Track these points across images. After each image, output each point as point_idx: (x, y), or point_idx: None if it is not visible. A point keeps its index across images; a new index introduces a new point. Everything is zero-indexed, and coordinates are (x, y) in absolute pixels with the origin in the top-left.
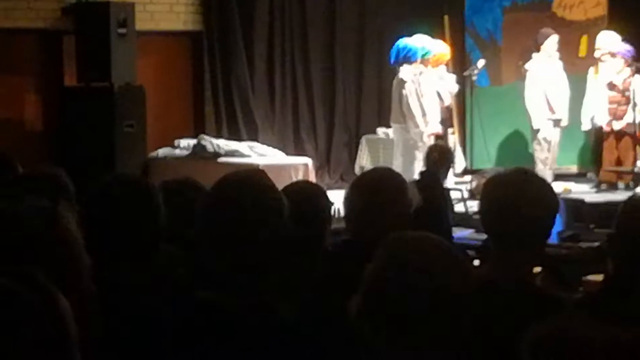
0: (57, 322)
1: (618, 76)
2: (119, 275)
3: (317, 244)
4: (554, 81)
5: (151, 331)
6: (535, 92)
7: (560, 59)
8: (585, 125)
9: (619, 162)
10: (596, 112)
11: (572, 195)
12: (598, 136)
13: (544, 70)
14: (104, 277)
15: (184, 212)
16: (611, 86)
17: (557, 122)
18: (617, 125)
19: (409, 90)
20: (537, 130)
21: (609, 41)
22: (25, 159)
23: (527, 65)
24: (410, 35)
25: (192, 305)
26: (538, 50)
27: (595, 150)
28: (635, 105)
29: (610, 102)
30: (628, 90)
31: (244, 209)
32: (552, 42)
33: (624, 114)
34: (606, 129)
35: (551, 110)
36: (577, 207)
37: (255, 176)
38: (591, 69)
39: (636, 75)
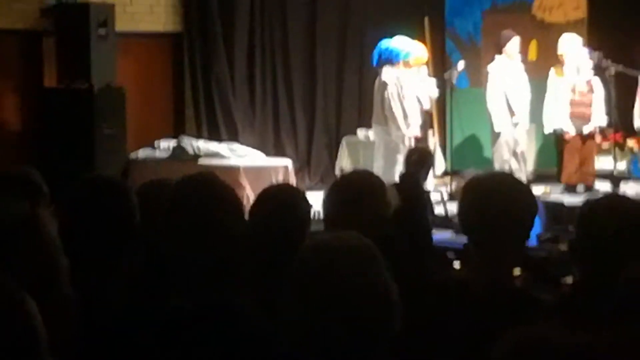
0: (22, 324)
1: (580, 78)
2: (96, 277)
3: (295, 247)
4: (515, 83)
5: (128, 333)
6: (496, 94)
7: (523, 61)
8: (548, 129)
9: (582, 165)
10: (558, 115)
11: (552, 198)
12: (560, 140)
13: (506, 73)
14: (81, 279)
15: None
16: (573, 89)
17: (517, 125)
18: (586, 129)
19: (391, 93)
20: (499, 134)
21: (573, 43)
22: (3, 160)
23: (489, 67)
24: (391, 36)
25: (162, 312)
26: (500, 52)
27: (558, 153)
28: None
29: (575, 105)
30: (592, 91)
31: (200, 209)
32: (513, 44)
33: (591, 116)
34: (568, 136)
35: (511, 113)
36: (556, 209)
37: (210, 177)
38: (552, 70)
39: (595, 78)
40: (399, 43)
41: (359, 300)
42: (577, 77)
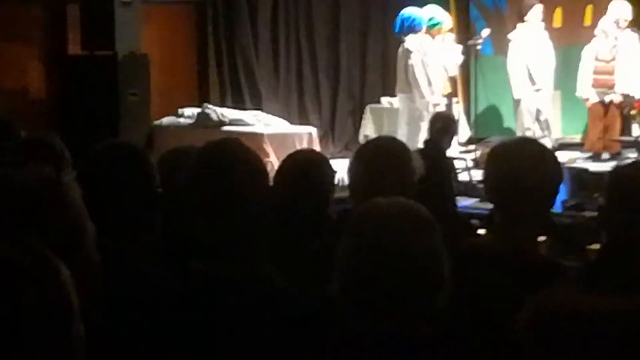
0: (58, 292)
1: (605, 44)
2: (118, 242)
3: (320, 213)
4: (537, 51)
5: (153, 300)
6: (517, 62)
7: (547, 28)
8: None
9: (605, 132)
10: (582, 82)
11: (576, 164)
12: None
13: (528, 41)
14: (107, 244)
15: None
16: (597, 57)
17: (539, 92)
18: (608, 97)
19: (414, 60)
20: (518, 101)
21: (624, 9)
22: (28, 127)
23: (510, 36)
24: (415, 4)
25: (186, 276)
26: (522, 20)
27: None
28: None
29: (599, 72)
30: (615, 59)
31: (225, 174)
32: (536, 12)
33: (614, 84)
34: (589, 104)
35: (532, 81)
36: (581, 176)
37: (235, 142)
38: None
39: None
40: (427, 12)
41: (412, 261)
42: (603, 44)
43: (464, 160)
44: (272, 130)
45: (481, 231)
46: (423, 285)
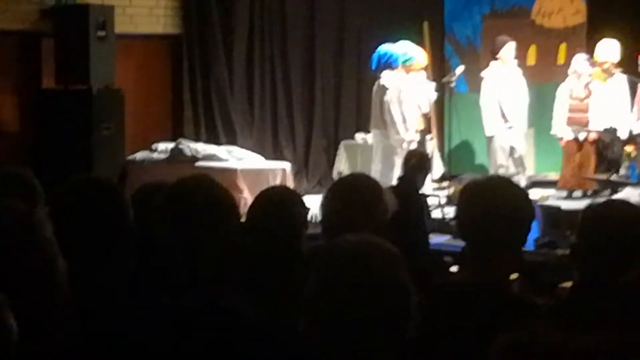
0: None
1: (579, 83)
2: (91, 278)
3: (292, 249)
4: (510, 89)
5: (125, 333)
6: (490, 99)
7: (521, 65)
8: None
9: (579, 169)
10: (557, 120)
11: (549, 202)
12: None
13: (501, 78)
14: (80, 278)
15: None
16: (571, 95)
17: (511, 129)
18: (582, 135)
19: (390, 97)
20: (491, 138)
21: (612, 49)
22: (1, 161)
23: (483, 73)
24: (389, 40)
25: (157, 311)
26: (495, 57)
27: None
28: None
29: (573, 111)
30: (589, 97)
31: (194, 212)
32: (508, 50)
33: (588, 122)
34: (563, 142)
35: (505, 118)
36: (553, 214)
37: (206, 179)
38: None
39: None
40: (400, 47)
41: (379, 297)
42: (576, 83)
43: (437, 197)
44: (245, 165)
45: (454, 268)
46: (390, 319)
